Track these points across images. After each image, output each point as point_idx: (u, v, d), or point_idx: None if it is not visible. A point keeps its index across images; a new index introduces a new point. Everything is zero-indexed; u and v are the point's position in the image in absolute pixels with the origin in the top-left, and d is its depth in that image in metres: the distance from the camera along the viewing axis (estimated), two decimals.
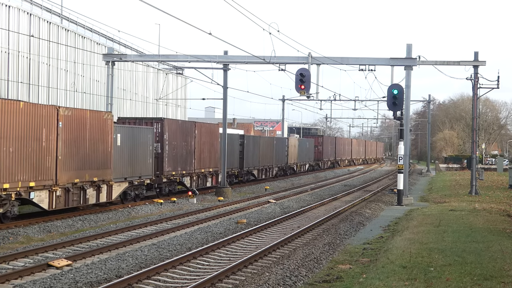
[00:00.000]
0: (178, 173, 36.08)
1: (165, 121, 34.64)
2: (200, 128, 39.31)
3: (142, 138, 32.08)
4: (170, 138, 35.04)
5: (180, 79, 64.02)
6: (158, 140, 34.02)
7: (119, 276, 15.97)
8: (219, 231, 24.05)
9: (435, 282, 14.52)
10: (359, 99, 67.60)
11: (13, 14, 37.92)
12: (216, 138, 41.69)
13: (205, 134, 39.94)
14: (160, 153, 34.10)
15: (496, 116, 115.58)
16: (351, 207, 33.73)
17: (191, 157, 37.79)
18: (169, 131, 34.92)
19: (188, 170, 37.45)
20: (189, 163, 37.58)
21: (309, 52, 35.97)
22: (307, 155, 72.01)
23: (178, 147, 35.98)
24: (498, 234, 22.52)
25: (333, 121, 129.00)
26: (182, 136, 36.54)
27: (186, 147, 37.09)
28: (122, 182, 30.33)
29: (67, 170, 25.68)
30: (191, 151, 37.80)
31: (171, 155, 35.20)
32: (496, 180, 58.58)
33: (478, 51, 40.59)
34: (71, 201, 26.19)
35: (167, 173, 34.78)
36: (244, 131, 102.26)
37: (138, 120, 34.84)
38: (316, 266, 17.61)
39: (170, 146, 34.95)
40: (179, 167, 36.20)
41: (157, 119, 34.69)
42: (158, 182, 34.40)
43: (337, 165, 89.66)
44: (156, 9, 21.23)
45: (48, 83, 41.88)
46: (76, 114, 26.46)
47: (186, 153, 37.11)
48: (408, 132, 37.33)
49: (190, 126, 38.24)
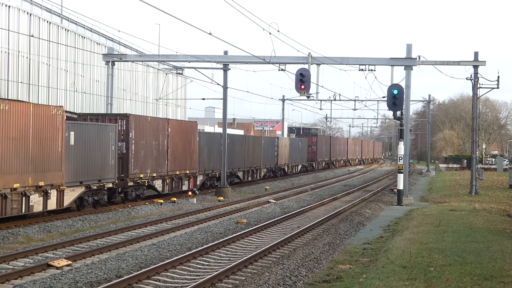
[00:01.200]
0: (147, 176, 32.71)
1: (131, 118, 31.29)
2: (174, 126, 35.88)
3: (103, 136, 28.73)
4: (138, 136, 31.64)
5: (180, 79, 64.03)
6: (123, 139, 30.75)
7: (119, 276, 15.97)
8: (219, 231, 24.05)
9: (435, 282, 14.52)
10: (359, 99, 67.64)
11: (13, 14, 37.92)
12: (194, 136, 38.28)
13: (180, 132, 36.43)
14: (125, 153, 30.77)
15: (496, 116, 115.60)
16: (351, 207, 33.73)
17: (163, 158, 34.31)
18: (136, 128, 31.52)
19: (160, 172, 34.02)
20: (161, 165, 34.14)
21: (309, 52, 36.01)
22: (299, 156, 68.48)
23: (148, 146, 32.65)
24: (498, 234, 22.52)
25: (333, 121, 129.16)
26: (152, 134, 33.19)
27: (158, 147, 33.72)
28: (77, 186, 26.95)
29: (4, 174, 22.32)
30: (164, 151, 34.35)
31: (139, 155, 31.82)
32: (496, 180, 58.57)
33: (478, 51, 40.66)
34: (8, 210, 22.66)
35: (133, 176, 31.29)
36: (244, 131, 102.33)
37: (101, 117, 31.33)
38: (316, 266, 17.61)
39: (137, 145, 31.58)
40: (149, 169, 32.79)
41: (121, 116, 31.45)
42: (123, 186, 30.88)
43: (332, 165, 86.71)
44: (156, 9, 21.24)
45: (48, 83, 41.88)
46: (16, 109, 22.81)
47: (158, 153, 33.74)
48: (408, 132, 37.33)
49: (162, 124, 34.75)
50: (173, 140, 35.24)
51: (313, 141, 76.15)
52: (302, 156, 69.89)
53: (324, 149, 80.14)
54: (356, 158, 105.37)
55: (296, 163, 67.06)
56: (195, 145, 38.22)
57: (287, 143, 62.68)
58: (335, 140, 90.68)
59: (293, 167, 65.86)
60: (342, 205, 34.08)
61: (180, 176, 36.46)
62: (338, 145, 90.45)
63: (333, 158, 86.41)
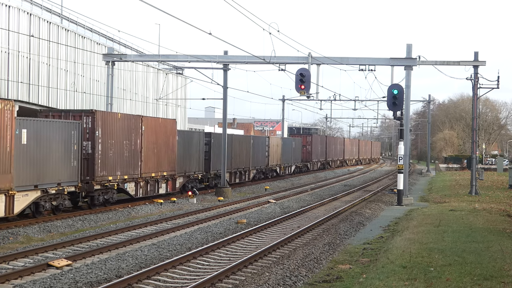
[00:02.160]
0: (118, 179, 29.95)
1: (98, 114, 28.36)
2: (149, 123, 33.18)
3: (63, 134, 26.01)
4: (106, 135, 28.91)
5: (180, 79, 64.02)
6: (88, 138, 28.08)
7: (119, 276, 15.97)
8: (219, 231, 24.06)
9: (435, 282, 14.52)
10: (359, 99, 67.61)
11: (13, 14, 37.91)
12: (173, 135, 35.55)
13: (157, 130, 33.80)
14: (91, 153, 28.05)
15: (496, 116, 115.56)
16: (351, 207, 33.73)
17: (136, 159, 31.56)
18: (104, 126, 28.78)
19: (133, 174, 31.29)
20: (134, 166, 31.36)
21: (309, 52, 36.00)
22: (293, 156, 65.32)
23: (118, 146, 29.95)
24: (498, 234, 22.52)
25: (333, 121, 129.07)
26: (123, 132, 30.48)
27: (130, 147, 31.00)
28: (31, 191, 24.18)
29: None
30: (137, 151, 31.65)
31: (107, 156, 29.03)
32: (496, 180, 58.57)
33: (478, 51, 40.64)
34: None
35: (100, 179, 28.49)
36: (244, 131, 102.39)
37: (64, 113, 28.59)
38: (316, 266, 17.61)
39: (105, 145, 28.87)
40: (119, 171, 30.06)
41: (87, 112, 28.36)
42: (88, 190, 28.12)
43: (328, 166, 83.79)
44: (156, 9, 21.24)
45: (48, 83, 41.87)
46: None
47: (130, 153, 31.01)
48: (408, 132, 37.33)
49: (135, 121, 31.85)
50: (148, 139, 32.66)
51: (307, 141, 73.48)
52: (296, 156, 67.30)
53: (319, 149, 77.44)
54: (353, 159, 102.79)
55: (289, 163, 64.13)
56: (174, 144, 35.60)
57: (279, 143, 59.91)
58: (331, 139, 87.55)
59: (286, 168, 62.96)
60: (342, 205, 34.08)
61: (157, 178, 33.75)
62: (334, 145, 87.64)
63: (329, 159, 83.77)
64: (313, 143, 73.80)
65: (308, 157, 72.67)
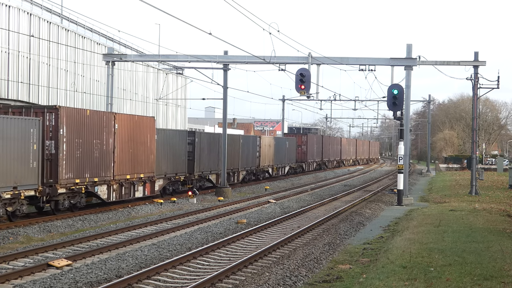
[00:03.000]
0: (86, 181, 27.51)
1: (62, 111, 25.91)
2: (123, 121, 30.70)
3: (19, 133, 23.64)
4: (72, 133, 26.43)
5: (180, 79, 64.02)
6: (51, 137, 25.61)
7: (119, 276, 15.97)
8: (219, 231, 24.06)
9: (435, 282, 14.52)
10: (359, 99, 67.65)
11: (13, 14, 37.90)
12: (152, 134, 33.14)
13: (132, 129, 31.39)
14: (55, 154, 25.61)
15: (496, 116, 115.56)
16: (351, 207, 33.73)
17: (108, 160, 29.13)
18: (69, 124, 26.27)
19: (104, 176, 28.80)
20: (106, 168, 28.93)
21: (309, 52, 35.99)
22: (287, 156, 62.42)
23: (86, 146, 27.46)
24: (498, 234, 22.52)
25: (333, 121, 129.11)
26: (93, 131, 28.02)
27: (101, 146, 28.56)
28: None
29: None
30: (109, 151, 29.17)
31: (73, 156, 26.52)
32: (496, 180, 58.57)
33: (478, 51, 40.68)
34: None
35: (65, 181, 26.05)
36: (244, 131, 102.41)
37: (25, 109, 25.95)
38: (316, 266, 17.62)
39: (71, 144, 26.33)
40: (88, 173, 27.57)
41: (50, 108, 25.89)
42: (52, 194, 25.56)
43: (325, 166, 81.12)
44: (156, 9, 21.24)
45: (48, 83, 41.88)
46: None
47: (101, 154, 28.54)
48: (408, 132, 37.33)
49: (107, 119, 29.25)
50: (122, 138, 30.23)
51: (303, 141, 70.59)
52: (290, 156, 64.55)
53: (315, 149, 74.65)
54: (350, 159, 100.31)
55: (283, 164, 61.24)
56: (152, 144, 33.11)
57: (271, 143, 57.27)
58: (327, 139, 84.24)
59: (279, 169, 60.19)
60: (342, 205, 34.08)
61: (132, 181, 31.25)
62: (330, 144, 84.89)
63: (326, 159, 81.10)
64: (308, 143, 71.40)
65: (303, 158, 70.28)
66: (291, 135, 72.91)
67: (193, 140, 39.36)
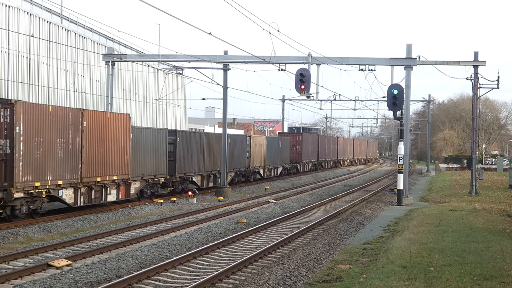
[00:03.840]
0: (48, 184, 25.14)
1: (18, 106, 23.39)
2: (93, 119, 27.97)
3: None
4: (30, 131, 24.03)
5: (180, 79, 64.05)
6: (6, 135, 23.27)
7: (119, 276, 15.97)
8: (219, 231, 24.06)
9: (435, 282, 14.52)
10: (359, 99, 67.70)
11: (13, 14, 37.92)
12: (127, 133, 30.57)
13: (104, 127, 28.78)
14: (10, 154, 23.24)
15: (496, 116, 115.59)
16: (351, 207, 33.73)
17: (75, 161, 26.52)
18: (28, 121, 23.86)
19: (70, 179, 26.24)
20: (72, 170, 26.34)
21: (309, 52, 36.00)
22: (280, 157, 59.85)
23: (48, 145, 24.98)
24: (498, 234, 22.52)
25: (333, 121, 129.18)
26: (56, 129, 25.49)
27: (66, 146, 25.91)
28: None
29: None
30: (76, 151, 26.57)
31: (32, 157, 24.17)
32: (496, 180, 58.58)
33: (478, 51, 40.67)
34: None
35: (22, 185, 23.67)
36: (244, 131, 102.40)
37: None
38: (316, 266, 17.62)
39: (29, 143, 23.95)
40: (50, 175, 25.15)
41: (4, 103, 23.38)
42: (7, 199, 23.16)
43: (321, 167, 78.59)
44: (156, 9, 21.24)
45: (48, 83, 41.89)
46: None
47: (66, 154, 25.96)
48: (408, 132, 37.33)
49: (74, 116, 26.50)
50: (91, 137, 27.71)
51: (297, 140, 67.44)
52: (284, 157, 61.83)
53: (310, 149, 71.90)
54: (347, 159, 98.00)
55: (275, 165, 58.56)
56: (127, 144, 30.58)
57: (262, 143, 54.46)
58: (323, 139, 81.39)
59: (272, 169, 57.48)
60: (342, 205, 34.08)
61: (104, 183, 28.77)
62: (327, 144, 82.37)
63: (322, 159, 78.45)
64: (303, 142, 68.30)
65: (297, 158, 67.26)
66: (286, 135, 69.93)
67: (175, 139, 36.70)
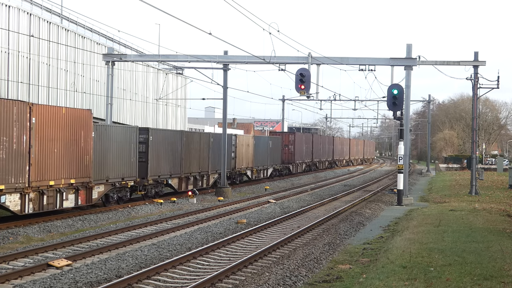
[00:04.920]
0: None
1: None
2: (44, 115, 24.75)
3: None
4: None
5: (180, 79, 64.04)
6: None
7: (119, 276, 15.97)
8: (219, 231, 24.06)
9: (435, 282, 14.52)
10: (359, 99, 67.68)
11: (13, 14, 37.92)
12: (87, 131, 27.43)
13: (58, 124, 25.62)
14: None
15: (496, 116, 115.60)
16: (351, 207, 33.74)
17: (20, 162, 23.43)
18: None
19: (15, 183, 23.22)
20: (17, 172, 23.30)
21: (309, 52, 36.00)
22: (270, 157, 56.59)
23: None
24: (498, 234, 22.52)
25: (333, 121, 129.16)
26: None
27: (9, 145, 22.87)
28: None
29: None
30: (22, 151, 23.50)
31: None
32: (496, 180, 58.58)
33: (478, 51, 40.69)
34: None
35: None
36: (244, 131, 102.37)
37: None
38: (316, 266, 17.62)
39: None
40: None
41: None
42: None
43: (315, 167, 76.12)
44: (156, 9, 21.24)
45: (48, 83, 41.88)
46: None
47: (9, 155, 22.88)
48: (408, 132, 37.33)
49: (19, 111, 23.27)
50: (42, 136, 24.60)
51: (290, 140, 64.12)
52: (274, 157, 58.56)
53: (304, 149, 68.82)
54: (343, 159, 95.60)
55: (265, 166, 55.34)
56: (88, 143, 27.48)
57: (250, 142, 51.24)
58: (318, 138, 78.14)
59: (260, 171, 54.27)
60: (342, 205, 34.08)
61: (59, 188, 25.69)
62: (322, 144, 79.16)
63: (316, 159, 75.58)
64: (296, 142, 64.87)
65: (290, 158, 63.90)
66: (277, 134, 66.86)
67: (146, 138, 33.39)
